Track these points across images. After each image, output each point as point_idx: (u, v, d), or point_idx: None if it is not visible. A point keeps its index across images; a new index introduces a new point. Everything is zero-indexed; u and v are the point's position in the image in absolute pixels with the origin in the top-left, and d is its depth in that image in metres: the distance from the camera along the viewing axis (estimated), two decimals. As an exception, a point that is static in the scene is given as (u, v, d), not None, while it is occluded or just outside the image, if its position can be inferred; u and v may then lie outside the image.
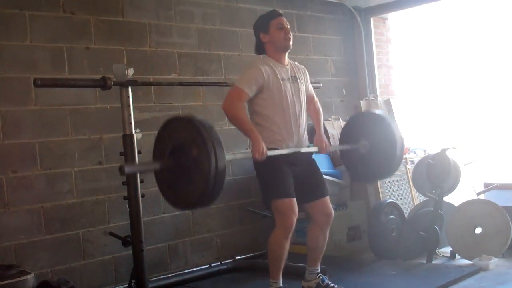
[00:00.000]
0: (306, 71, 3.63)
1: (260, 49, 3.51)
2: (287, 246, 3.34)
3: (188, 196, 2.92)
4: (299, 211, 3.36)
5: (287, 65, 3.49)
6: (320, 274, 3.59)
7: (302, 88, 3.51)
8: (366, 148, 3.71)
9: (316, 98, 3.72)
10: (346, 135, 3.87)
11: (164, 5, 4.53)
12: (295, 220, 3.30)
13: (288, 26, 3.48)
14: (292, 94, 3.41)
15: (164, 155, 2.98)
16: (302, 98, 3.49)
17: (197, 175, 2.85)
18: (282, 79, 3.39)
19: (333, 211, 3.55)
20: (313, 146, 3.60)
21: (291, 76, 3.46)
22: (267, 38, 3.44)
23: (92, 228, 4.02)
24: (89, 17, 4.10)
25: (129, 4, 4.32)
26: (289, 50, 3.49)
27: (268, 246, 3.37)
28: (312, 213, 3.55)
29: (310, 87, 3.66)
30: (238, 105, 3.28)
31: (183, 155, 2.91)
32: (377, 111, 3.99)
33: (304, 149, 3.46)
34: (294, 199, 3.32)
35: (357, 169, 3.84)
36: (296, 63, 3.61)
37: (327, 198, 3.54)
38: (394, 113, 5.50)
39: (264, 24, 3.46)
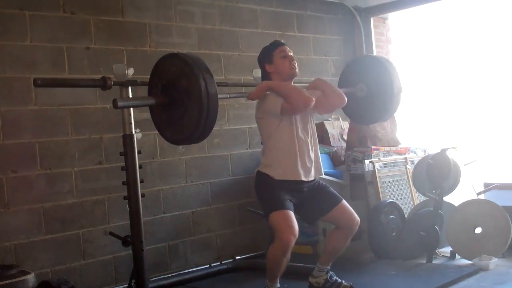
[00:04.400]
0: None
1: (266, 79, 3.49)
2: (284, 262, 3.25)
3: (185, 128, 2.95)
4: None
5: None
6: (329, 271, 3.60)
7: (310, 118, 3.49)
8: (364, 91, 3.76)
9: None
10: (344, 79, 3.92)
11: (164, 5, 4.53)
12: (291, 237, 3.17)
13: (292, 54, 3.48)
14: (300, 124, 3.40)
15: (157, 92, 3.03)
16: (310, 127, 3.47)
17: (190, 103, 2.88)
18: None
19: (357, 218, 3.49)
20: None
21: None
22: (272, 68, 3.45)
23: (92, 228, 4.02)
24: (89, 17, 4.10)
25: (129, 4, 4.32)
26: (295, 77, 3.49)
27: (267, 256, 3.32)
28: (334, 222, 3.54)
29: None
30: None
31: (174, 89, 2.95)
32: (376, 56, 4.00)
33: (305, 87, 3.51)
34: (290, 212, 3.25)
35: (355, 112, 3.89)
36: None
37: (344, 204, 3.50)
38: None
39: (268, 55, 3.47)
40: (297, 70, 3.46)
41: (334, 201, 3.49)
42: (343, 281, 3.55)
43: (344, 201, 3.52)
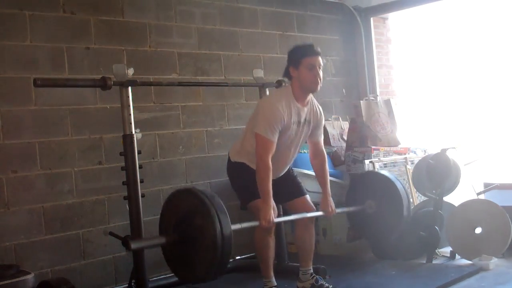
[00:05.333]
0: (323, 116, 3.55)
1: (287, 77, 3.44)
2: (271, 243, 3.37)
3: (198, 267, 2.95)
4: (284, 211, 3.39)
5: (306, 106, 3.41)
6: (314, 275, 3.59)
7: (307, 131, 3.46)
8: (373, 209, 3.83)
9: (324, 153, 3.62)
10: (351, 196, 4.01)
11: (164, 5, 4.53)
12: (272, 213, 3.26)
13: (321, 68, 3.33)
14: (294, 137, 3.39)
15: (169, 229, 3.04)
16: (301, 140, 3.47)
17: (203, 243, 2.88)
18: (293, 122, 3.34)
19: (314, 209, 3.57)
20: (319, 210, 3.60)
21: (304, 119, 3.40)
22: (295, 73, 3.34)
23: (92, 228, 4.02)
24: (89, 17, 4.10)
25: (129, 4, 4.32)
26: (314, 93, 3.41)
27: (255, 246, 3.41)
28: (293, 212, 3.57)
29: (321, 135, 3.58)
30: (267, 162, 3.23)
31: (187, 226, 2.96)
32: (381, 172, 4.07)
33: (310, 214, 3.49)
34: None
35: (365, 229, 3.98)
36: (317, 103, 3.52)
37: (307, 197, 3.57)
38: (394, 113, 5.49)
39: (296, 59, 3.33)
40: (319, 86, 3.34)
41: (298, 193, 3.56)
42: (330, 286, 3.53)
43: (307, 196, 3.58)
